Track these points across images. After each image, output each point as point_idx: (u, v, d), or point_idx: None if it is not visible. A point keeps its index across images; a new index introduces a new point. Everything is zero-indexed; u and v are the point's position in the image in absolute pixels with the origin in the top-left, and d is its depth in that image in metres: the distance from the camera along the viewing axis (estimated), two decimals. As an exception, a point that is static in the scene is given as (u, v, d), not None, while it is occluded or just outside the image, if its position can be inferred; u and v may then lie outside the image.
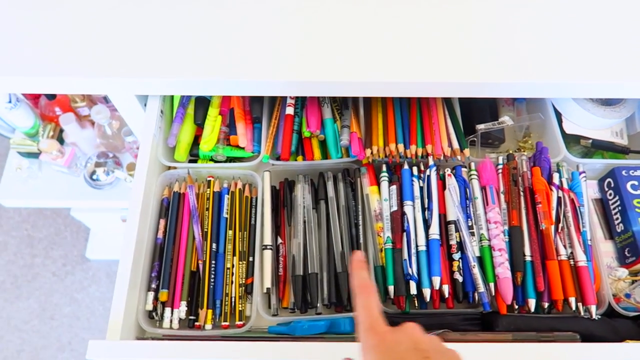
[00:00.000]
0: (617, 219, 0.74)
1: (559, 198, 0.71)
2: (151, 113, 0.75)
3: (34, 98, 1.19)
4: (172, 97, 0.81)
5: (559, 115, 0.82)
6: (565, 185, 0.72)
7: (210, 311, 0.68)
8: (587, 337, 0.62)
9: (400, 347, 0.39)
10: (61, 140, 1.18)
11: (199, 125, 0.77)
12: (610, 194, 0.76)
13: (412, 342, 0.39)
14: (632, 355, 0.58)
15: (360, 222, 0.73)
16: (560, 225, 0.69)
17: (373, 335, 0.40)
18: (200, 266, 0.71)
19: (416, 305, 0.69)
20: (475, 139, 0.79)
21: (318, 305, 0.68)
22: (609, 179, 0.77)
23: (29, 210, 1.74)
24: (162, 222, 0.73)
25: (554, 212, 0.70)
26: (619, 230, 0.73)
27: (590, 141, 0.80)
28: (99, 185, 1.15)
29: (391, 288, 0.67)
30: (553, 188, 0.71)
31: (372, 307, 0.43)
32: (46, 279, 1.64)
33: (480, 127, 0.78)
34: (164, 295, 0.68)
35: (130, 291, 0.64)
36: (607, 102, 0.80)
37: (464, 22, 0.74)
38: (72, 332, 1.56)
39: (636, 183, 0.74)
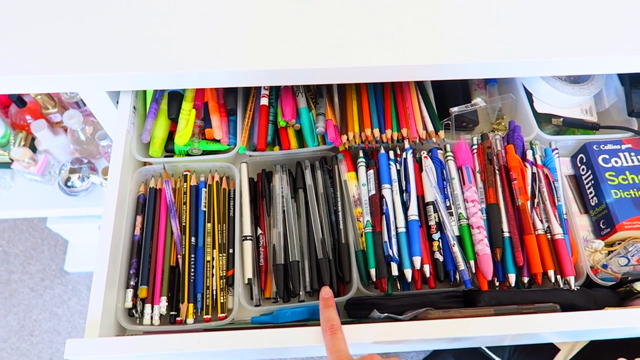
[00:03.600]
0: (590, 193, 0.75)
1: (533, 174, 0.72)
2: (123, 109, 0.74)
3: (4, 107, 1.17)
4: (145, 92, 0.80)
5: (529, 96, 0.83)
6: (539, 162, 0.73)
7: (191, 305, 0.67)
8: (567, 308, 0.63)
9: None
10: (34, 149, 1.16)
11: (173, 120, 0.77)
12: (583, 169, 0.77)
13: None
14: (612, 321, 0.59)
15: (340, 209, 0.73)
16: (536, 200, 0.70)
17: None
18: (180, 260, 0.70)
19: (398, 287, 0.69)
20: (450, 122, 0.80)
21: (300, 293, 0.68)
22: (581, 155, 0.78)
23: (3, 225, 1.70)
24: (139, 218, 0.72)
25: (529, 188, 0.71)
26: (593, 204, 0.75)
27: (561, 119, 0.82)
28: (74, 192, 1.13)
29: (373, 271, 0.67)
30: (527, 164, 0.72)
31: (337, 347, 0.52)
32: (24, 294, 1.60)
33: (454, 109, 0.79)
34: (143, 291, 0.67)
35: (107, 289, 0.62)
36: (576, 80, 0.82)
37: (433, 4, 0.75)
38: (53, 348, 1.52)
39: (607, 157, 0.75)
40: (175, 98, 0.77)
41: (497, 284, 0.68)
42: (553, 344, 0.82)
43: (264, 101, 0.78)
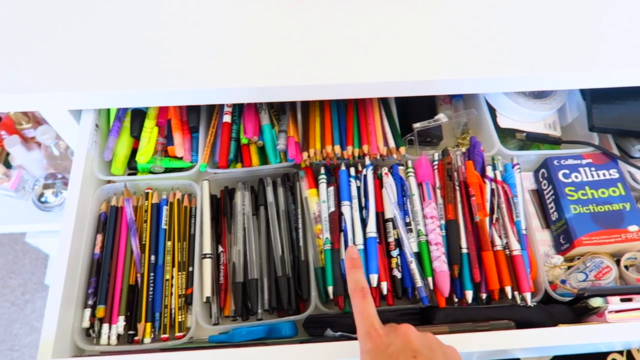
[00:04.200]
0: (551, 207, 0.76)
1: (492, 190, 0.72)
2: (85, 127, 0.74)
3: (-22, 123, 1.17)
4: (108, 110, 0.80)
5: (493, 111, 0.84)
6: (498, 178, 0.74)
7: (149, 324, 0.67)
8: (523, 324, 0.63)
9: (391, 348, 0.43)
10: (8, 165, 1.16)
11: (136, 137, 0.77)
12: (544, 184, 0.78)
13: (402, 343, 0.43)
14: (562, 338, 0.59)
15: (300, 226, 0.73)
16: (495, 216, 0.71)
17: (368, 340, 0.45)
18: (139, 279, 0.69)
19: (358, 304, 0.69)
20: (413, 137, 0.80)
21: (259, 311, 0.68)
22: (542, 170, 0.78)
23: (-16, 240, 1.70)
24: (100, 237, 0.71)
25: (487, 204, 0.71)
26: (554, 219, 0.75)
27: (525, 134, 0.82)
28: (48, 207, 1.13)
29: (330, 289, 0.67)
30: (486, 180, 0.73)
31: (368, 312, 0.46)
32: (5, 309, 1.59)
33: (417, 125, 0.80)
34: (100, 311, 0.66)
35: (63, 308, 0.62)
36: (538, 95, 0.82)
37: (397, 21, 0.76)
38: (33, 362, 1.52)
39: (567, 172, 0.76)
40: (138, 116, 0.78)
41: (455, 300, 0.68)
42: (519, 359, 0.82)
43: (227, 118, 0.78)
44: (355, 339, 0.60)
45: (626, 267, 0.71)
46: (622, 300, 0.63)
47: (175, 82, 0.69)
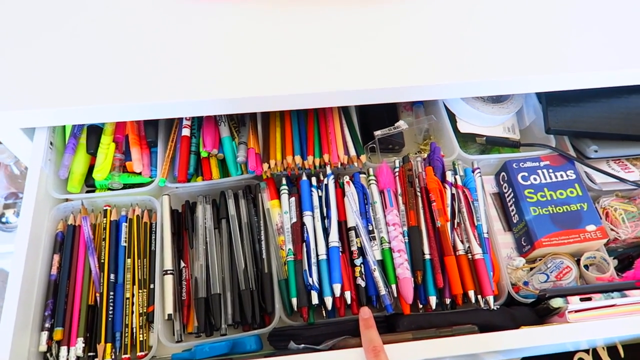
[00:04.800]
0: (512, 210, 0.77)
1: (452, 195, 0.73)
2: (38, 145, 0.72)
3: None
4: (63, 127, 0.79)
5: (453, 116, 0.84)
6: (459, 182, 0.74)
7: (109, 345, 0.65)
8: (486, 328, 0.63)
9: None
10: (-33, 185, 1.13)
11: (92, 154, 0.75)
12: (505, 187, 0.79)
13: None
14: (524, 340, 0.59)
15: (263, 237, 0.72)
16: (456, 220, 0.71)
17: None
18: (98, 299, 0.68)
19: (324, 315, 0.68)
20: (375, 145, 0.81)
21: (223, 326, 0.66)
22: (502, 173, 0.79)
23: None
24: (56, 257, 0.70)
25: (448, 209, 0.72)
26: (515, 221, 0.76)
27: (485, 138, 0.83)
28: (10, 227, 1.10)
29: (294, 300, 0.66)
30: (447, 186, 0.73)
31: None
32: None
33: (377, 133, 0.80)
34: (58, 333, 0.65)
35: (18, 332, 0.60)
36: (496, 100, 0.84)
37: (355, 31, 0.76)
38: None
39: (526, 174, 0.77)
40: (94, 132, 0.76)
41: (420, 307, 0.68)
42: (487, 362, 0.82)
43: (186, 132, 0.77)
44: (319, 350, 0.60)
45: (586, 266, 0.73)
46: (582, 299, 0.64)
47: (131, 97, 0.68)
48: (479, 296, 0.67)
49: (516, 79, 0.73)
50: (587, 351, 0.71)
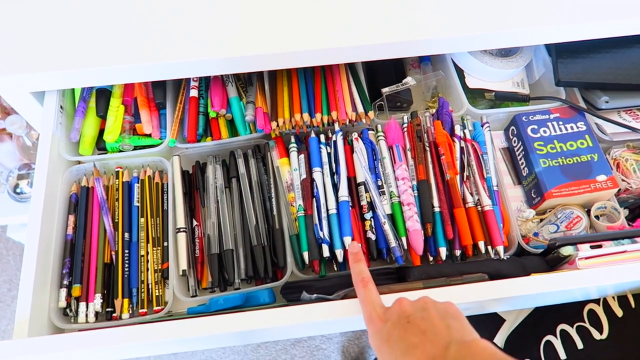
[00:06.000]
0: (522, 163, 0.76)
1: (461, 148, 0.73)
2: (49, 109, 0.73)
3: (-54, 116, 1.15)
4: (73, 91, 0.79)
5: (461, 72, 0.84)
6: (468, 136, 0.74)
7: (126, 300, 0.67)
8: (496, 277, 0.64)
9: (387, 325, 0.46)
10: (-19, 158, 1.14)
11: (102, 117, 0.76)
12: (514, 141, 0.78)
13: (396, 315, 0.46)
14: (534, 286, 0.60)
15: (273, 195, 0.73)
16: (466, 173, 0.71)
17: (370, 325, 0.48)
18: (114, 257, 0.69)
19: (335, 268, 0.69)
20: (383, 102, 0.80)
21: (236, 280, 0.68)
22: (512, 127, 0.79)
23: (-34, 238, 1.68)
24: (72, 218, 0.71)
25: (457, 162, 0.72)
26: (524, 174, 0.76)
27: (494, 93, 0.82)
28: (24, 198, 1.11)
29: (306, 254, 0.67)
30: (455, 139, 0.73)
31: (370, 299, 0.51)
32: (-9, 306, 1.58)
33: (385, 90, 0.79)
34: (76, 290, 0.66)
35: (38, 289, 0.62)
36: (505, 54, 0.83)
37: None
38: (23, 357, 1.51)
39: (535, 127, 0.76)
40: (103, 95, 0.77)
41: (430, 259, 0.69)
42: (498, 315, 0.83)
43: (194, 93, 0.78)
44: (331, 299, 0.61)
45: (597, 217, 0.72)
46: (592, 247, 0.64)
47: (139, 57, 0.68)
48: (489, 247, 0.68)
49: (525, 31, 0.72)
50: (597, 302, 0.71)
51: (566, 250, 0.64)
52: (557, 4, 0.73)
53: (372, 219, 0.69)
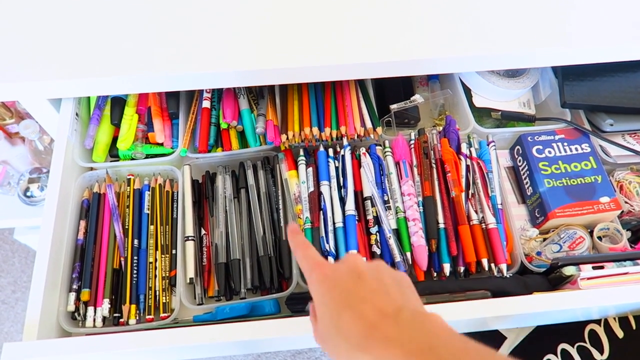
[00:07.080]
0: (526, 183, 0.77)
1: (467, 166, 0.74)
2: (65, 116, 0.75)
3: (-39, 119, 1.17)
4: (88, 99, 0.81)
5: (468, 91, 0.85)
6: (474, 154, 0.75)
7: (133, 306, 0.68)
8: (499, 294, 0.65)
9: (338, 273, 0.40)
10: (-7, 160, 1.16)
11: (116, 125, 0.78)
12: (519, 161, 0.80)
13: (348, 267, 0.41)
14: (536, 305, 0.61)
15: (281, 206, 0.74)
16: (471, 191, 0.72)
17: (317, 271, 0.41)
18: (123, 263, 0.70)
19: (339, 281, 0.70)
20: (391, 118, 0.82)
21: (242, 290, 0.69)
22: (517, 147, 0.80)
23: (-28, 239, 1.69)
24: (83, 223, 0.72)
25: (463, 180, 0.73)
26: (529, 194, 0.77)
27: (500, 113, 0.84)
28: (34, 201, 1.13)
29: (311, 266, 0.68)
30: (461, 157, 0.74)
31: (312, 255, 0.44)
32: (-5, 307, 1.59)
33: (393, 106, 0.81)
34: (85, 294, 0.67)
35: (47, 293, 0.63)
36: (512, 74, 0.84)
37: (372, 3, 0.77)
38: (25, 360, 1.52)
39: (541, 147, 0.78)
40: (118, 104, 0.79)
41: (434, 274, 0.69)
42: (499, 332, 0.84)
43: (206, 104, 0.79)
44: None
45: (599, 238, 0.73)
46: (594, 268, 0.65)
47: (154, 68, 0.70)
48: (492, 264, 0.69)
49: (532, 52, 0.73)
50: (598, 322, 0.72)
51: (568, 270, 0.65)
52: (565, 27, 0.74)
53: (377, 233, 0.70)
